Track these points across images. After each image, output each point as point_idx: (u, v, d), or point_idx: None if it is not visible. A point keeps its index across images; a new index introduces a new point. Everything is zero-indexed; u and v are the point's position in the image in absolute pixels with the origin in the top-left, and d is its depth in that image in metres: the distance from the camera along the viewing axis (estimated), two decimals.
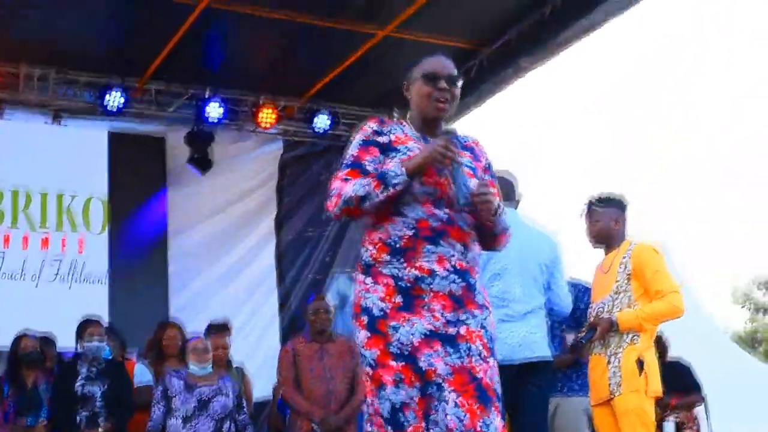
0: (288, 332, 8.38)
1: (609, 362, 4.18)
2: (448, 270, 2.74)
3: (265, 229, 8.75)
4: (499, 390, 2.75)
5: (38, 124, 7.77)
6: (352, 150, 2.87)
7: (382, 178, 2.71)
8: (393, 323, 2.72)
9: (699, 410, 6.44)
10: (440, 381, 2.68)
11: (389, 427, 2.69)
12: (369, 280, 2.79)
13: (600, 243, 4.47)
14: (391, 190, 2.70)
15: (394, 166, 2.74)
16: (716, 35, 50.92)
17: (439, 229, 2.75)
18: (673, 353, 6.60)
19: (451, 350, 2.70)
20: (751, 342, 24.83)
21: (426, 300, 2.73)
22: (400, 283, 2.74)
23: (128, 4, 6.71)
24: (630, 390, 4.08)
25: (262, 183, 8.82)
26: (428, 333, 2.70)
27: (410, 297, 2.73)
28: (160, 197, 8.15)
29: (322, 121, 8.55)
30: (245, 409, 5.50)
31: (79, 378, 5.44)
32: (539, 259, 4.42)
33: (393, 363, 2.70)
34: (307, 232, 8.86)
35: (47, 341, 6.15)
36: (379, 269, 2.77)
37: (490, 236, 2.88)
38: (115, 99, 7.68)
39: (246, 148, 8.78)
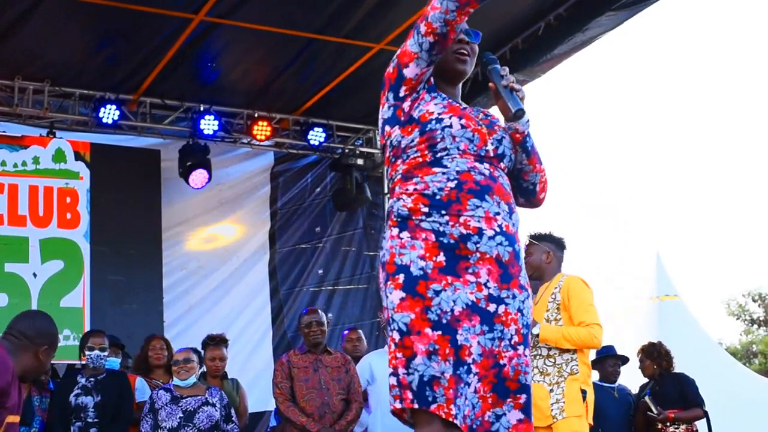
0: (281, 345, 8.38)
1: (552, 390, 4.41)
2: (495, 231, 2.51)
3: (259, 242, 8.76)
4: (527, 381, 2.52)
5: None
6: None
7: None
8: (435, 285, 2.44)
9: (701, 424, 6.42)
10: (470, 362, 2.44)
11: (416, 402, 2.39)
12: (405, 234, 2.52)
13: (532, 276, 4.65)
14: None
15: None
16: (716, 44, 51.15)
17: (483, 183, 2.55)
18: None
19: (486, 329, 2.47)
20: (746, 354, 24.79)
21: (472, 262, 2.49)
22: (442, 239, 2.49)
23: (123, 18, 6.72)
24: (573, 414, 4.34)
25: (255, 196, 8.83)
26: (470, 304, 2.46)
27: (455, 257, 2.48)
28: (155, 211, 8.14)
29: (316, 135, 8.58)
30: (234, 420, 5.48)
31: (75, 389, 5.43)
32: None
33: (429, 331, 2.41)
34: (301, 245, 8.87)
35: None
36: (418, 223, 2.52)
37: (525, 157, 2.74)
38: (110, 113, 7.70)
39: (239, 161, 8.80)
